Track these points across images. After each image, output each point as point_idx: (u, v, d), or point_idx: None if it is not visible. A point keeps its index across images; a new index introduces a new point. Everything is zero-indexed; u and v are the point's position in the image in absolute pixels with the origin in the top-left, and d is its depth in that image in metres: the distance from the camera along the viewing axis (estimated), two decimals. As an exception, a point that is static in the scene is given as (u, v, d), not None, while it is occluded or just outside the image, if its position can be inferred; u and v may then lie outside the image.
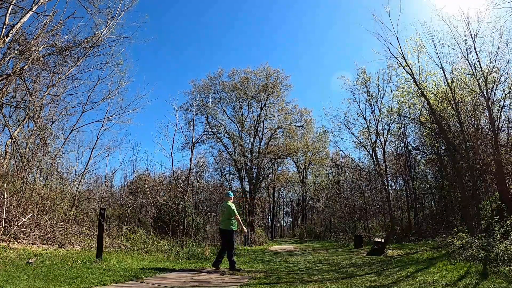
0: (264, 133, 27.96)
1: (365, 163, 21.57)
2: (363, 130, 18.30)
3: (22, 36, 9.02)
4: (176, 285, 4.97)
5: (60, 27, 9.94)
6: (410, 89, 13.20)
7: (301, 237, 30.25)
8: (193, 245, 11.36)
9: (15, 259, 5.53)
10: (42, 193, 9.13)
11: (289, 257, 11.15)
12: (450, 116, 11.93)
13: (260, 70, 27.55)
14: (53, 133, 10.88)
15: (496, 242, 6.16)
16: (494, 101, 9.99)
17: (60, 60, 10.33)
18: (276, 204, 43.98)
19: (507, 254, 5.48)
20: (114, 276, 5.21)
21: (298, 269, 7.64)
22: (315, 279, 5.84)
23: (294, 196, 47.38)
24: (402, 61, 11.97)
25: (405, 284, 5.17)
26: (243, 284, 5.27)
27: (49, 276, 4.70)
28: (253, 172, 26.05)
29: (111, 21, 11.07)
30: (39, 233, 7.93)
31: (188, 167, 17.10)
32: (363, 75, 17.66)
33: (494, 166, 9.61)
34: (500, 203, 8.45)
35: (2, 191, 7.36)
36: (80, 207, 11.25)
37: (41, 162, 9.71)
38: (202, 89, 26.93)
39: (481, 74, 9.92)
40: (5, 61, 8.86)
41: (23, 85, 9.37)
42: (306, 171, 37.10)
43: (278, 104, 27.79)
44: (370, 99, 17.51)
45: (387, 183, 18.00)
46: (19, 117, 10.01)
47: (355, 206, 19.42)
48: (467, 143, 10.32)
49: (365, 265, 7.93)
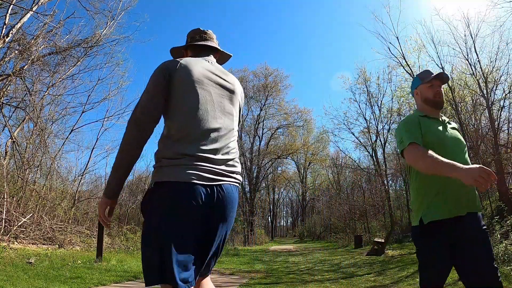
0: (264, 133, 28.02)
1: (365, 163, 21.60)
2: (363, 130, 18.33)
3: (22, 36, 9.03)
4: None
5: (60, 27, 9.97)
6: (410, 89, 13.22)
7: (301, 237, 30.25)
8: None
9: (15, 259, 5.53)
10: (42, 193, 9.13)
11: (289, 257, 11.15)
12: (450, 116, 11.93)
13: (259, 70, 27.64)
14: (53, 133, 10.92)
15: (496, 242, 6.15)
16: (494, 101, 10.00)
17: (60, 60, 10.36)
18: (276, 204, 43.98)
19: (507, 254, 5.48)
20: (114, 276, 5.21)
21: (298, 269, 7.64)
22: (315, 279, 5.84)
23: (294, 196, 47.42)
24: (402, 60, 11.99)
25: (405, 284, 5.17)
26: (243, 284, 5.27)
27: (49, 276, 4.70)
28: (253, 172, 26.06)
29: (111, 21, 11.12)
30: (39, 233, 7.93)
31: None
32: (363, 74, 17.68)
33: (494, 166, 9.61)
34: (500, 203, 8.45)
35: (2, 191, 7.36)
36: (80, 207, 11.25)
37: (41, 162, 9.72)
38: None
39: (481, 74, 9.93)
40: (5, 61, 8.86)
41: (23, 85, 9.39)
42: (306, 171, 37.11)
43: (277, 103, 27.86)
44: (370, 99, 17.53)
45: (387, 183, 18.03)
46: (19, 117, 10.04)
47: (355, 206, 19.42)
48: (467, 143, 10.31)
49: (365, 265, 7.92)
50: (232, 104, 1.42)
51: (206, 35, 1.57)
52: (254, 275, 6.39)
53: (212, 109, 1.32)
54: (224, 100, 1.38)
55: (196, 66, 1.35)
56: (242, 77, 27.30)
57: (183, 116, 1.27)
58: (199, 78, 1.32)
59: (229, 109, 1.40)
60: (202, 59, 1.42)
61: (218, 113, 1.33)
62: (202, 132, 1.26)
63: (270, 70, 27.47)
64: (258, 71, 27.59)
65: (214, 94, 1.35)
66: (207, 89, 1.33)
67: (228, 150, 1.33)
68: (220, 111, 1.35)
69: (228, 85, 1.42)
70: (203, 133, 1.26)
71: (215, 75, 1.39)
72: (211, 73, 1.38)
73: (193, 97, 1.29)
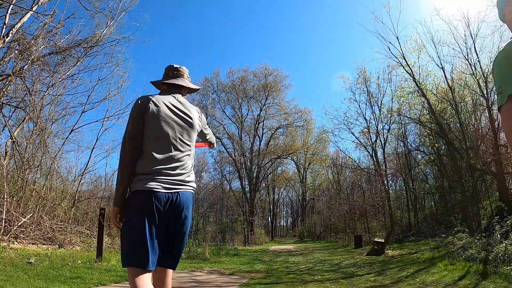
0: (264, 133, 27.98)
1: (365, 163, 21.59)
2: (363, 130, 18.31)
3: (22, 36, 9.03)
4: (176, 285, 4.97)
5: (60, 27, 9.97)
6: (410, 89, 13.22)
7: (301, 237, 30.23)
8: (193, 245, 11.35)
9: (15, 259, 5.53)
10: (42, 193, 9.13)
11: (289, 257, 11.15)
12: (450, 116, 11.94)
13: (259, 70, 27.58)
14: (53, 133, 10.91)
15: (496, 242, 6.16)
16: (494, 101, 9.99)
17: (60, 60, 10.37)
18: (276, 204, 43.97)
19: (507, 254, 5.48)
20: (114, 276, 5.21)
21: (298, 269, 7.63)
22: (315, 279, 5.84)
23: (294, 196, 47.39)
24: (402, 60, 12.00)
25: (405, 284, 5.17)
26: (243, 284, 5.27)
27: (49, 276, 4.70)
28: (253, 172, 26.03)
29: (111, 21, 11.12)
30: (39, 233, 7.93)
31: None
32: (363, 74, 17.67)
33: (494, 166, 9.61)
34: (500, 203, 8.45)
35: (2, 191, 7.36)
36: (80, 207, 11.25)
37: (41, 162, 9.72)
38: (200, 90, 26.92)
39: (481, 74, 9.93)
40: (5, 61, 8.86)
41: (23, 85, 9.39)
42: (306, 171, 37.10)
43: (277, 103, 27.80)
44: (370, 99, 17.51)
45: (387, 183, 18.02)
46: (19, 117, 10.04)
47: (355, 206, 19.40)
48: (467, 143, 10.32)
49: (365, 265, 7.92)
50: (189, 133, 1.85)
51: (178, 72, 1.98)
52: (254, 275, 6.39)
53: (174, 138, 1.76)
54: (183, 130, 1.82)
55: (163, 103, 1.78)
56: (243, 77, 27.33)
57: (151, 144, 1.72)
58: (165, 113, 1.76)
59: (187, 138, 1.83)
60: (170, 96, 1.86)
61: (177, 142, 1.78)
62: (164, 156, 1.71)
63: (270, 70, 27.47)
64: (258, 71, 27.59)
65: (176, 126, 1.79)
66: (170, 123, 1.77)
67: (184, 167, 1.77)
68: (179, 140, 1.79)
69: (187, 118, 1.84)
70: (165, 157, 1.72)
71: (178, 110, 1.82)
72: (175, 108, 1.81)
73: (159, 130, 1.73)
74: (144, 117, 1.72)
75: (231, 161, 27.58)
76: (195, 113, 1.90)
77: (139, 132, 1.72)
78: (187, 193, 1.75)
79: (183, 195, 1.72)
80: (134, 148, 1.71)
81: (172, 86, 1.93)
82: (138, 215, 1.61)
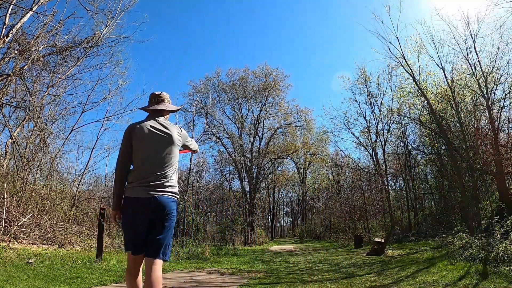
0: (264, 133, 27.98)
1: (365, 163, 21.59)
2: (363, 130, 18.29)
3: (22, 36, 9.02)
4: (176, 285, 4.97)
5: (60, 27, 9.96)
6: (410, 89, 13.23)
7: (301, 237, 30.23)
8: (193, 245, 11.35)
9: (15, 259, 5.53)
10: (42, 193, 9.13)
11: (289, 257, 11.15)
12: (450, 116, 11.94)
13: (259, 70, 27.60)
14: (53, 133, 10.90)
15: (496, 242, 6.16)
16: (494, 101, 10.00)
17: (60, 60, 10.35)
18: (276, 204, 43.97)
19: (507, 254, 5.48)
20: (114, 276, 5.20)
21: (298, 269, 7.64)
22: (315, 279, 5.84)
23: (294, 196, 47.43)
24: (402, 60, 12.00)
25: (405, 284, 5.17)
26: (243, 284, 5.27)
27: (49, 276, 4.70)
28: (253, 172, 26.04)
29: (111, 21, 11.10)
30: (39, 233, 7.93)
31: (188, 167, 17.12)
32: (363, 74, 17.66)
33: (494, 166, 9.61)
34: (500, 203, 8.45)
35: (2, 191, 7.36)
36: (80, 207, 11.25)
37: (41, 162, 9.71)
38: (200, 90, 26.95)
39: (481, 74, 9.93)
40: (5, 61, 8.86)
41: (23, 85, 9.38)
42: (306, 171, 37.09)
43: (278, 103, 27.81)
44: (370, 99, 17.50)
45: (387, 183, 18.01)
46: (19, 117, 10.03)
47: (355, 206, 19.40)
48: (467, 143, 10.31)
49: (365, 265, 7.92)
50: (170, 150, 2.32)
51: (159, 98, 2.50)
52: (254, 275, 6.39)
53: (156, 153, 2.27)
54: (164, 146, 2.30)
55: (145, 128, 2.30)
56: (243, 77, 27.32)
57: (137, 163, 2.27)
58: (148, 136, 2.28)
59: (168, 152, 2.31)
60: (153, 120, 2.37)
61: (157, 159, 2.26)
62: (148, 171, 2.22)
63: (270, 70, 27.47)
64: (258, 71, 27.59)
65: (157, 146, 2.28)
66: (152, 143, 2.28)
67: (165, 176, 2.26)
68: (159, 157, 2.27)
69: (166, 137, 2.32)
70: (149, 169, 2.23)
71: (159, 130, 2.32)
72: (156, 130, 2.31)
73: (142, 151, 2.26)
74: (133, 140, 2.26)
75: (231, 161, 27.59)
76: (174, 131, 2.38)
77: (129, 153, 2.27)
78: (165, 197, 2.22)
79: (161, 198, 2.20)
80: (125, 164, 2.28)
81: (155, 110, 2.46)
82: (127, 216, 2.22)
